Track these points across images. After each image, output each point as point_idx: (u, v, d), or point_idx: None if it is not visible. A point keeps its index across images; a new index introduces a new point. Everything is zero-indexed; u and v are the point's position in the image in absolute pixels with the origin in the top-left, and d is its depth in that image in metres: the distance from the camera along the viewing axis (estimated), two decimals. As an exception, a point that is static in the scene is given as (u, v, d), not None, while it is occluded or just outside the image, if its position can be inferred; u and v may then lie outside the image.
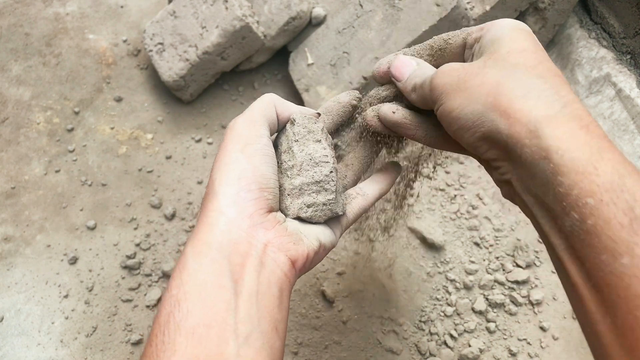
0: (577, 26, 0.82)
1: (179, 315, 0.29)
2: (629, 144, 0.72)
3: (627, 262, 0.24)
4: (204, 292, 0.30)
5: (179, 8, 0.79)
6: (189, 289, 0.30)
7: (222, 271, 0.31)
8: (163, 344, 0.29)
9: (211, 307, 0.30)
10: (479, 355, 0.61)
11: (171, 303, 0.30)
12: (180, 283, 0.31)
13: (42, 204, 0.71)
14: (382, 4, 0.74)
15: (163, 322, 0.30)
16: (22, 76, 0.83)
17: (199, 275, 0.31)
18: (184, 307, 0.30)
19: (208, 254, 0.32)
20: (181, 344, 0.28)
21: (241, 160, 0.35)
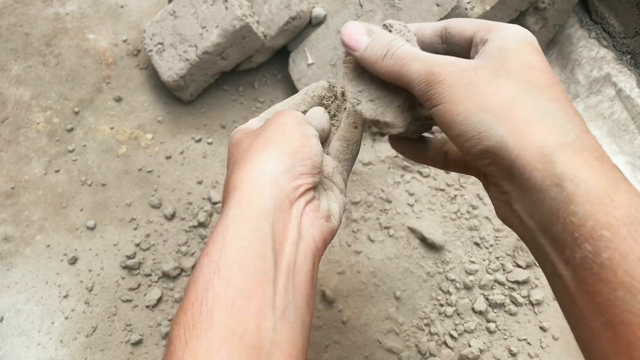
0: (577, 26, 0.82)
1: (218, 284, 0.28)
2: (629, 144, 0.72)
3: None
4: (246, 260, 0.29)
5: (178, 8, 0.79)
6: (231, 255, 0.29)
7: (266, 240, 0.30)
8: (200, 314, 0.27)
9: (252, 277, 0.29)
10: (479, 355, 0.61)
11: (210, 269, 0.29)
12: (222, 247, 0.30)
13: (42, 204, 0.71)
14: (382, 4, 0.74)
15: (201, 289, 0.28)
16: (22, 76, 0.83)
17: (242, 242, 0.30)
18: (224, 275, 0.28)
19: (254, 219, 0.31)
20: (220, 316, 0.27)
21: (300, 139, 0.36)
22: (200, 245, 0.69)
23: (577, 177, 0.26)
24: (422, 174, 0.77)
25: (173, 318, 0.30)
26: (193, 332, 0.27)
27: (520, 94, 0.29)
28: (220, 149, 0.79)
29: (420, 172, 0.77)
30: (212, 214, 0.71)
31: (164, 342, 0.62)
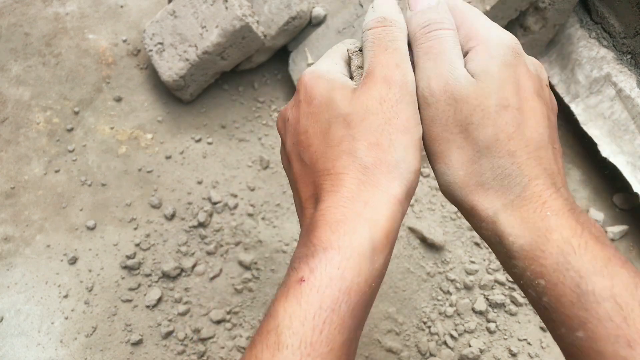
0: (577, 26, 0.82)
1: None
2: (630, 144, 0.72)
3: (582, 336, 0.26)
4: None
5: (178, 8, 0.79)
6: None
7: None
8: None
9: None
10: (479, 355, 0.61)
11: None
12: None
13: (41, 204, 0.71)
14: (382, 4, 0.74)
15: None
16: (21, 76, 0.83)
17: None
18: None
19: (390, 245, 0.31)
20: None
21: (415, 149, 0.32)
22: (200, 246, 0.69)
23: (512, 235, 0.29)
24: (422, 174, 0.77)
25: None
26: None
27: (481, 155, 0.30)
28: (220, 149, 0.79)
29: (420, 172, 0.77)
30: (212, 214, 0.71)
31: (164, 342, 0.62)
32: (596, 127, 0.76)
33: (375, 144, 0.30)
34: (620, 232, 0.73)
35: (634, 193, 0.70)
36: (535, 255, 0.28)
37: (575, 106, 0.79)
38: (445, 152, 0.31)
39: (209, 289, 0.66)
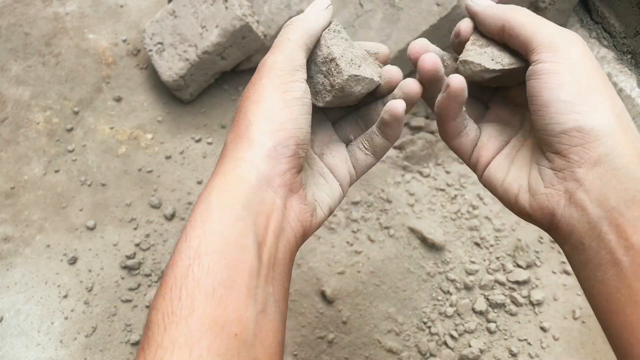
0: (577, 26, 0.82)
1: (199, 271, 0.28)
2: (630, 143, 0.72)
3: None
4: (227, 250, 0.28)
5: (178, 8, 0.79)
6: (211, 244, 0.29)
7: (248, 231, 0.29)
8: (179, 300, 0.27)
9: (233, 267, 0.28)
10: (479, 355, 0.61)
11: (190, 255, 0.28)
12: (202, 235, 0.29)
13: (41, 204, 0.71)
14: (382, 4, 0.74)
15: (180, 275, 0.28)
16: (21, 76, 0.83)
17: (224, 231, 0.29)
18: (205, 263, 0.28)
19: (234, 209, 0.30)
20: (200, 303, 0.27)
21: (282, 110, 0.32)
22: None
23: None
24: (422, 174, 0.77)
25: (150, 303, 0.29)
26: (172, 319, 0.27)
27: (620, 101, 0.33)
28: (220, 149, 0.79)
29: (420, 172, 0.77)
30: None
31: (164, 342, 0.62)
32: (596, 127, 0.76)
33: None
34: (620, 232, 0.72)
35: (634, 193, 0.70)
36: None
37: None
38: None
39: (208, 289, 0.66)
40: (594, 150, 0.30)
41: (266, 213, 0.31)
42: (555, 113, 0.31)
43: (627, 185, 0.29)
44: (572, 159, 0.31)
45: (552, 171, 0.32)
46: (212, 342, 0.26)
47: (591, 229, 0.30)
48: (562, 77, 0.31)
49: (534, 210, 0.33)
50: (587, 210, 0.30)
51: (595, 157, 0.30)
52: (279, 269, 0.31)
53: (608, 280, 0.29)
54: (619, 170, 0.30)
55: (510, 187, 0.35)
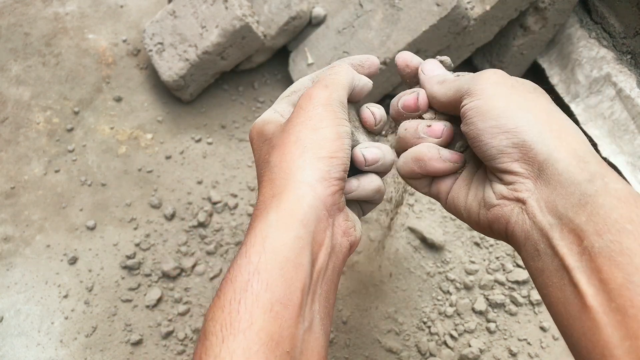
0: (577, 26, 0.82)
1: (258, 286, 0.29)
2: (630, 144, 0.72)
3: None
4: (285, 267, 0.30)
5: (178, 8, 0.79)
6: (271, 261, 0.30)
7: (305, 250, 0.31)
8: (238, 313, 0.28)
9: (289, 285, 0.29)
10: (479, 355, 0.61)
11: (249, 270, 0.30)
12: (262, 251, 0.30)
13: (41, 204, 0.71)
14: (382, 4, 0.74)
15: (239, 289, 0.29)
16: (21, 76, 0.83)
17: (283, 249, 0.30)
18: (264, 279, 0.29)
19: (294, 228, 0.31)
20: (258, 318, 0.28)
21: (336, 140, 0.35)
22: (200, 245, 0.69)
23: (606, 177, 0.30)
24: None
25: (207, 313, 0.30)
26: (230, 331, 0.28)
27: (553, 107, 0.34)
28: (220, 149, 0.79)
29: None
30: (212, 214, 0.71)
31: (164, 342, 0.62)
32: (596, 127, 0.76)
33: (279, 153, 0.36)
34: (620, 232, 0.72)
35: (634, 193, 0.70)
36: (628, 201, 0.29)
37: (575, 106, 0.79)
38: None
39: (209, 289, 0.66)
40: (534, 160, 0.32)
41: (321, 233, 0.33)
42: (488, 139, 0.33)
43: (571, 189, 0.30)
44: (519, 173, 0.33)
45: (504, 186, 0.34)
46: (267, 357, 0.27)
47: (543, 236, 0.31)
48: (482, 108, 0.34)
49: (491, 222, 0.35)
50: (537, 218, 0.31)
51: (538, 165, 0.32)
52: (326, 286, 0.32)
53: (564, 286, 0.30)
54: (561, 175, 0.31)
55: (471, 207, 0.37)
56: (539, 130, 0.32)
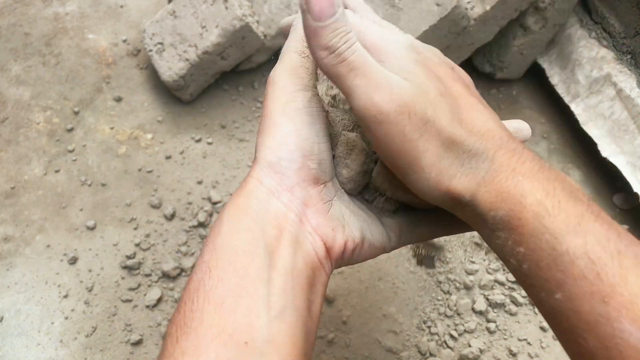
0: (577, 26, 0.82)
1: (209, 282, 0.28)
2: (630, 144, 0.72)
3: (560, 297, 0.26)
4: (235, 259, 0.29)
5: (178, 8, 0.79)
6: (221, 256, 0.29)
7: (256, 240, 0.30)
8: (191, 312, 0.28)
9: (242, 276, 0.28)
10: (479, 355, 0.61)
11: (202, 269, 0.29)
12: (213, 248, 0.30)
13: (41, 204, 0.71)
14: (382, 4, 0.74)
15: (193, 289, 0.29)
16: (21, 76, 0.83)
17: (232, 242, 0.29)
18: (215, 275, 0.28)
19: (242, 221, 0.30)
20: (209, 313, 0.27)
21: (283, 122, 0.32)
22: (200, 245, 0.69)
23: (491, 210, 0.29)
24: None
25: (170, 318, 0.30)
26: (184, 330, 0.27)
27: (446, 148, 0.30)
28: (220, 149, 0.79)
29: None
30: (212, 214, 0.71)
31: (164, 342, 0.62)
32: (596, 127, 0.76)
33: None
34: (620, 232, 0.72)
35: (634, 193, 0.70)
36: (513, 225, 0.28)
37: (575, 106, 0.79)
38: (412, 162, 0.30)
39: (209, 289, 0.66)
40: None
41: (276, 225, 0.31)
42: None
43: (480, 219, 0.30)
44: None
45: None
46: (219, 351, 0.26)
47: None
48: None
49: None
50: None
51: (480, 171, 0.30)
52: (299, 279, 0.30)
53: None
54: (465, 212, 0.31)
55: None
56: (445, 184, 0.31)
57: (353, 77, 0.29)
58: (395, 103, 0.29)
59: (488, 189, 0.29)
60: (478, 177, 0.29)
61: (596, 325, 0.25)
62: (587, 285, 0.25)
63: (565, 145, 0.84)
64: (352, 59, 0.29)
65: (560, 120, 0.86)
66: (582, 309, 0.25)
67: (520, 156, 0.29)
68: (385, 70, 0.29)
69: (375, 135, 0.30)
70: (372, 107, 0.29)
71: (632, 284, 0.25)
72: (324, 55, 0.29)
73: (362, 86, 0.29)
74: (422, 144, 0.29)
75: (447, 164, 0.30)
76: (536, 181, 0.28)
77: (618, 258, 0.25)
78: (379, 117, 0.29)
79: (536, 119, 0.87)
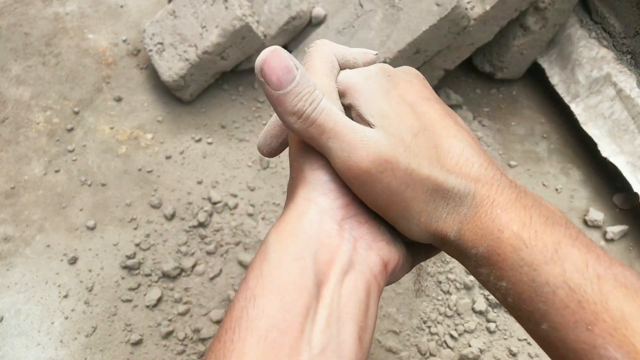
0: (577, 26, 0.82)
1: (253, 312, 0.26)
2: (630, 143, 0.72)
3: (546, 328, 0.26)
4: (283, 291, 0.27)
5: (178, 8, 0.79)
6: (267, 285, 0.27)
7: (306, 270, 0.27)
8: (232, 343, 0.26)
9: (289, 310, 0.26)
10: (479, 355, 0.61)
11: (246, 297, 0.27)
12: (260, 275, 0.28)
13: (41, 204, 0.71)
14: (382, 4, 0.74)
15: (235, 317, 0.27)
16: (21, 76, 0.83)
17: (280, 272, 0.27)
18: (260, 305, 0.26)
19: (293, 248, 0.28)
20: (251, 347, 0.25)
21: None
22: (200, 245, 0.69)
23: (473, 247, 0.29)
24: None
25: (209, 344, 0.29)
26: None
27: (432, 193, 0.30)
28: (220, 149, 0.79)
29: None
30: (212, 214, 0.71)
31: (164, 342, 0.62)
32: (596, 127, 0.76)
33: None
34: (620, 232, 0.73)
35: (634, 193, 0.70)
36: (493, 260, 0.28)
37: (575, 106, 0.79)
38: (402, 212, 0.30)
39: (209, 289, 0.66)
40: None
41: (330, 249, 0.29)
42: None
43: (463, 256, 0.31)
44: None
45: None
46: None
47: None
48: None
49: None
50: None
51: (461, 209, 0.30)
52: (347, 307, 0.28)
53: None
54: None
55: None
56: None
57: (326, 139, 0.28)
58: (376, 162, 0.28)
59: (470, 227, 0.29)
60: (461, 215, 0.29)
61: (583, 353, 0.25)
62: (570, 314, 0.25)
63: (565, 145, 0.84)
64: (320, 120, 0.28)
65: (560, 120, 0.86)
66: (568, 338, 0.25)
67: (499, 185, 0.29)
68: (357, 127, 0.28)
69: (361, 193, 0.29)
70: (351, 169, 0.28)
71: (613, 309, 0.25)
72: (293, 121, 0.28)
73: (337, 149, 0.28)
74: (409, 194, 0.29)
75: (434, 206, 0.30)
76: (513, 212, 0.28)
77: (598, 283, 0.25)
78: (361, 177, 0.28)
79: (536, 118, 0.87)
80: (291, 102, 0.28)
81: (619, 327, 0.24)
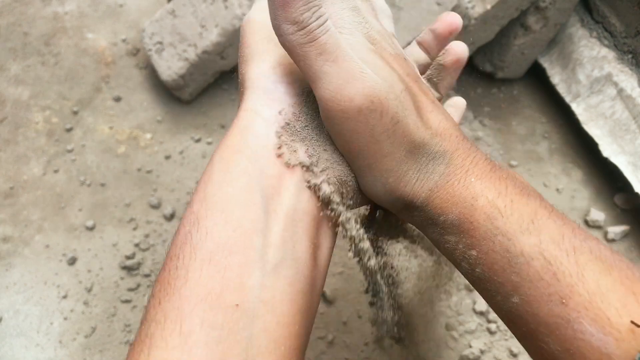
0: (578, 25, 0.82)
1: (197, 236, 0.25)
2: (631, 143, 0.72)
3: (517, 301, 0.25)
4: (227, 209, 0.25)
5: (178, 7, 0.79)
6: (211, 205, 0.25)
7: (252, 185, 0.25)
8: (176, 270, 0.24)
9: (235, 228, 0.24)
10: (479, 356, 0.61)
11: (190, 221, 0.25)
12: (203, 197, 0.26)
13: (40, 204, 0.71)
14: (382, 3, 0.74)
15: (179, 243, 0.25)
16: (20, 76, 0.83)
17: (224, 190, 0.25)
18: (204, 227, 0.25)
19: (237, 162, 0.26)
20: (195, 271, 0.24)
21: (271, 49, 0.29)
22: (200, 246, 0.69)
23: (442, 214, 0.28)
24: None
25: (155, 278, 0.27)
26: (167, 291, 0.24)
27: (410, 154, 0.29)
28: (220, 149, 0.79)
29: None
30: (211, 214, 0.71)
31: (163, 342, 0.61)
32: (597, 127, 0.76)
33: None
34: (621, 232, 0.72)
35: (635, 193, 0.70)
36: (464, 228, 0.27)
37: (576, 106, 0.79)
38: (372, 165, 0.28)
39: (208, 289, 0.66)
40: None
41: (279, 162, 0.27)
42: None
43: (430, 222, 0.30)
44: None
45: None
46: (205, 315, 0.23)
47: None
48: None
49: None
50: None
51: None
52: (303, 222, 0.26)
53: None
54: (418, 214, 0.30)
55: None
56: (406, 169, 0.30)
57: (323, 61, 0.25)
58: (369, 99, 0.26)
59: (440, 194, 0.28)
60: (431, 183, 0.28)
61: (556, 328, 0.24)
62: (544, 286, 0.24)
63: (566, 145, 0.83)
64: (323, 39, 0.25)
65: (561, 120, 0.86)
66: (540, 312, 0.24)
67: (474, 157, 0.29)
68: (356, 58, 0.26)
69: (338, 130, 0.27)
70: (341, 100, 0.26)
71: (589, 282, 0.23)
72: (291, 31, 0.25)
73: (333, 74, 0.26)
74: (387, 147, 0.27)
75: (405, 169, 0.28)
76: (488, 181, 0.27)
77: (574, 255, 0.24)
78: (349, 112, 0.26)
79: (537, 118, 0.86)
80: (298, 9, 0.24)
81: (594, 300, 0.23)
